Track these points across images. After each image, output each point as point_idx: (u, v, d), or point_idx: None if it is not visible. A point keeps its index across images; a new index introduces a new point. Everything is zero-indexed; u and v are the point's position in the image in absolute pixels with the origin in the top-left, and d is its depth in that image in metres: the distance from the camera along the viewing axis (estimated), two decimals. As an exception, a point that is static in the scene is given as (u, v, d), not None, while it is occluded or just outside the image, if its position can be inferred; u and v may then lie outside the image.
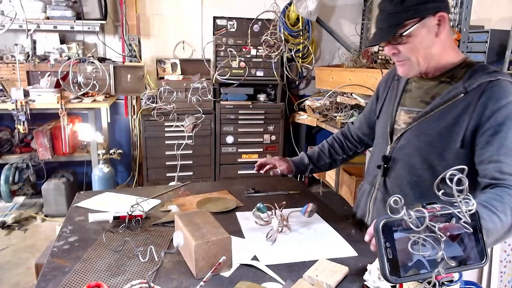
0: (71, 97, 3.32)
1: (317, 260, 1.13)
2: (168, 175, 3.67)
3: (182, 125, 2.35)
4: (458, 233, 0.72)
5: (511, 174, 1.06)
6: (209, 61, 3.69)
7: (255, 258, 1.17)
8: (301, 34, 4.05)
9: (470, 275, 1.61)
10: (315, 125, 3.72)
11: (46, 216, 3.41)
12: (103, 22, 3.64)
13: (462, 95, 1.14)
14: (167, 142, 3.62)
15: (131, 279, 1.04)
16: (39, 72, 3.43)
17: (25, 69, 3.43)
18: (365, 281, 1.01)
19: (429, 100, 1.23)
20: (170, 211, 1.51)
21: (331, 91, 3.53)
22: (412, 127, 1.25)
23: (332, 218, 1.46)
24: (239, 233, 1.33)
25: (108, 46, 3.92)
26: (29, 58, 3.50)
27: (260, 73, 3.82)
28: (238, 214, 1.49)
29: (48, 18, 3.54)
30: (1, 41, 3.52)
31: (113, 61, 3.72)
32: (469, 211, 0.74)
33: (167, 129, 3.59)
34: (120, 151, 3.54)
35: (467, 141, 1.13)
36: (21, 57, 3.42)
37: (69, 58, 3.35)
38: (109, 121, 4.04)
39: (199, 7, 4.00)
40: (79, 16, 3.54)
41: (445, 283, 0.80)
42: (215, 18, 4.00)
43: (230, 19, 4.02)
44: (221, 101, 3.79)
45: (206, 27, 4.03)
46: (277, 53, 3.45)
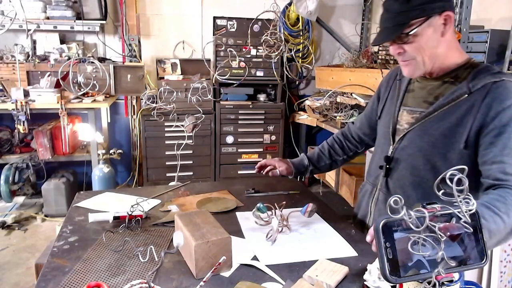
0: (71, 97, 3.32)
1: (317, 260, 1.13)
2: (168, 175, 3.67)
3: (182, 125, 2.34)
4: (458, 233, 0.72)
5: None
6: (209, 61, 3.69)
7: (255, 258, 1.17)
8: (301, 34, 4.05)
9: (470, 275, 1.61)
10: (315, 125, 3.72)
11: (46, 216, 3.41)
12: (103, 22, 3.64)
13: (466, 95, 1.13)
14: (167, 142, 3.62)
15: (131, 279, 1.04)
16: (39, 72, 3.43)
17: (25, 69, 3.43)
18: (365, 281, 1.01)
19: (433, 100, 1.22)
20: (170, 211, 1.51)
21: (331, 91, 3.53)
22: (415, 127, 1.24)
23: (332, 218, 1.46)
24: (239, 233, 1.33)
25: (108, 46, 3.92)
26: (29, 58, 3.50)
27: (260, 73, 3.82)
28: (238, 214, 1.49)
29: (48, 18, 3.54)
30: (1, 41, 3.52)
31: (113, 61, 3.72)
32: (469, 211, 0.74)
33: (167, 129, 3.59)
34: (120, 151, 3.54)
35: (471, 142, 1.12)
36: (21, 57, 3.42)
37: (69, 58, 3.35)
38: (109, 121, 4.04)
39: (199, 7, 4.00)
40: (79, 16, 3.54)
41: (445, 283, 0.80)
42: (215, 18, 4.00)
43: (230, 19, 4.02)
44: (221, 101, 3.79)
45: (206, 27, 4.03)
46: (277, 53, 3.44)
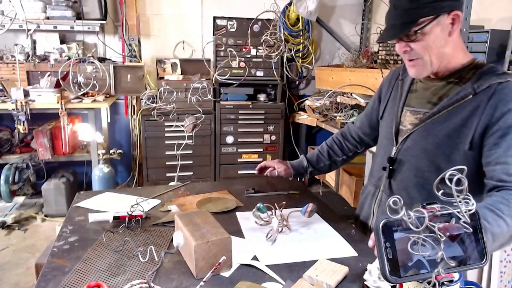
0: (71, 97, 3.32)
1: (317, 260, 1.13)
2: (168, 175, 3.67)
3: (182, 125, 2.34)
4: (457, 233, 0.72)
5: None
6: (209, 61, 3.69)
7: (255, 258, 1.17)
8: (301, 34, 4.05)
9: (470, 275, 1.61)
10: (315, 125, 3.72)
11: (46, 216, 3.41)
12: (103, 22, 3.64)
13: (470, 96, 1.12)
14: (167, 142, 3.62)
15: (131, 279, 1.04)
16: (39, 72, 3.43)
17: (25, 69, 3.43)
18: (365, 281, 1.01)
19: (437, 101, 1.21)
20: (170, 211, 1.51)
21: (331, 91, 3.53)
22: (419, 128, 1.23)
23: (332, 218, 1.46)
24: (239, 233, 1.33)
25: (108, 46, 3.92)
26: (29, 58, 3.50)
27: (260, 73, 3.82)
28: (238, 214, 1.49)
29: (48, 18, 3.54)
30: (1, 41, 3.52)
31: (113, 61, 3.72)
32: (469, 211, 0.74)
33: (167, 129, 3.59)
34: (120, 151, 3.54)
35: (475, 143, 1.11)
36: (21, 57, 3.42)
37: (69, 58, 3.35)
38: (109, 121, 4.04)
39: (199, 7, 4.00)
40: (79, 16, 3.54)
41: (445, 283, 0.80)
42: (215, 18, 4.00)
43: (230, 19, 4.02)
44: (221, 101, 3.79)
45: (206, 27, 4.03)
46: (277, 53, 3.44)
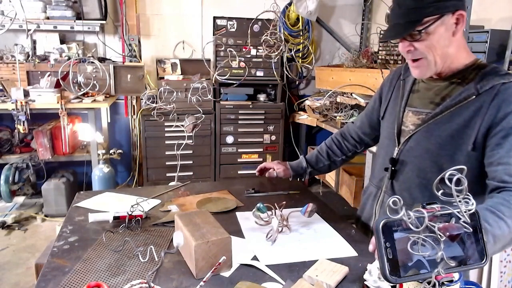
0: (71, 97, 3.32)
1: (317, 260, 1.13)
2: (168, 175, 3.67)
3: (182, 125, 2.34)
4: (457, 233, 0.72)
5: None
6: (209, 61, 3.69)
7: (255, 258, 1.17)
8: (301, 34, 4.05)
9: (470, 275, 1.61)
10: (315, 125, 3.72)
11: (46, 216, 3.41)
12: (103, 22, 3.64)
13: (474, 96, 1.11)
14: (167, 142, 3.62)
15: (131, 279, 1.04)
16: (39, 72, 3.43)
17: (25, 69, 3.43)
18: (365, 281, 1.01)
19: (439, 101, 1.20)
20: (170, 211, 1.51)
21: (331, 91, 3.53)
22: (421, 128, 1.22)
23: (332, 218, 1.46)
24: (239, 233, 1.33)
25: (108, 46, 3.92)
26: (29, 58, 3.50)
27: (260, 73, 3.82)
28: (238, 214, 1.49)
29: (48, 18, 3.54)
30: (1, 41, 3.52)
31: (113, 61, 3.72)
32: (469, 211, 0.74)
33: (167, 129, 3.59)
34: (120, 151, 3.54)
35: (478, 143, 1.11)
36: (21, 57, 3.42)
37: (69, 58, 3.35)
38: (109, 121, 4.04)
39: (199, 7, 4.00)
40: (79, 16, 3.54)
41: (445, 283, 0.80)
42: (215, 18, 4.00)
43: (230, 19, 4.02)
44: (221, 101, 3.79)
45: (206, 27, 4.03)
46: (277, 53, 3.44)
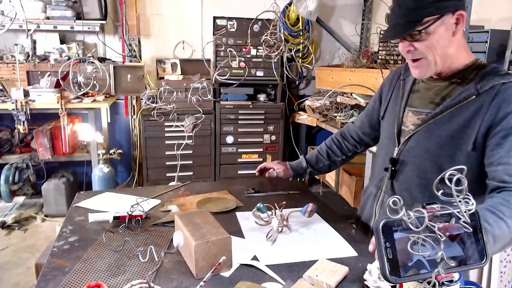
0: (71, 97, 3.32)
1: (317, 260, 1.13)
2: (168, 175, 3.67)
3: (182, 125, 2.34)
4: (457, 233, 0.72)
5: None
6: (209, 61, 3.69)
7: (255, 258, 1.17)
8: (301, 34, 4.05)
9: (470, 275, 1.61)
10: (315, 125, 3.72)
11: (46, 216, 3.41)
12: (103, 22, 3.64)
13: (474, 96, 1.12)
14: (167, 142, 3.62)
15: (131, 279, 1.04)
16: (39, 72, 3.43)
17: (25, 69, 3.43)
18: (365, 281, 1.01)
19: (439, 101, 1.20)
20: (170, 211, 1.51)
21: (331, 91, 3.53)
22: (421, 128, 1.22)
23: (332, 218, 1.46)
24: (239, 233, 1.33)
25: (108, 46, 3.92)
26: (29, 58, 3.50)
27: (260, 73, 3.82)
28: (238, 214, 1.49)
29: (48, 18, 3.54)
30: (1, 41, 3.52)
31: (113, 61, 3.72)
32: (469, 211, 0.74)
33: (167, 129, 3.59)
34: (120, 151, 3.54)
35: (479, 143, 1.11)
36: (21, 57, 3.42)
37: (69, 58, 3.35)
38: (109, 121, 4.04)
39: (199, 7, 4.00)
40: (79, 16, 3.54)
41: (445, 283, 0.80)
42: (215, 18, 4.00)
43: (230, 19, 4.02)
44: (221, 101, 3.79)
45: (206, 27, 4.03)
46: (277, 53, 3.44)
